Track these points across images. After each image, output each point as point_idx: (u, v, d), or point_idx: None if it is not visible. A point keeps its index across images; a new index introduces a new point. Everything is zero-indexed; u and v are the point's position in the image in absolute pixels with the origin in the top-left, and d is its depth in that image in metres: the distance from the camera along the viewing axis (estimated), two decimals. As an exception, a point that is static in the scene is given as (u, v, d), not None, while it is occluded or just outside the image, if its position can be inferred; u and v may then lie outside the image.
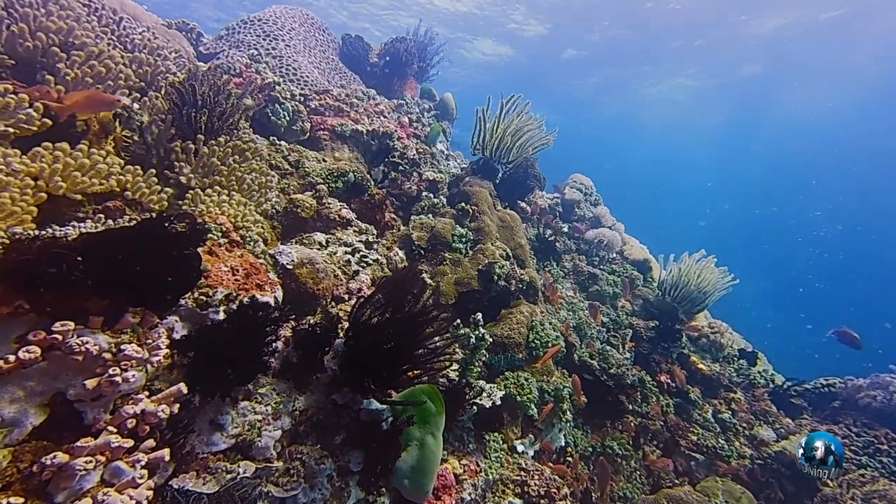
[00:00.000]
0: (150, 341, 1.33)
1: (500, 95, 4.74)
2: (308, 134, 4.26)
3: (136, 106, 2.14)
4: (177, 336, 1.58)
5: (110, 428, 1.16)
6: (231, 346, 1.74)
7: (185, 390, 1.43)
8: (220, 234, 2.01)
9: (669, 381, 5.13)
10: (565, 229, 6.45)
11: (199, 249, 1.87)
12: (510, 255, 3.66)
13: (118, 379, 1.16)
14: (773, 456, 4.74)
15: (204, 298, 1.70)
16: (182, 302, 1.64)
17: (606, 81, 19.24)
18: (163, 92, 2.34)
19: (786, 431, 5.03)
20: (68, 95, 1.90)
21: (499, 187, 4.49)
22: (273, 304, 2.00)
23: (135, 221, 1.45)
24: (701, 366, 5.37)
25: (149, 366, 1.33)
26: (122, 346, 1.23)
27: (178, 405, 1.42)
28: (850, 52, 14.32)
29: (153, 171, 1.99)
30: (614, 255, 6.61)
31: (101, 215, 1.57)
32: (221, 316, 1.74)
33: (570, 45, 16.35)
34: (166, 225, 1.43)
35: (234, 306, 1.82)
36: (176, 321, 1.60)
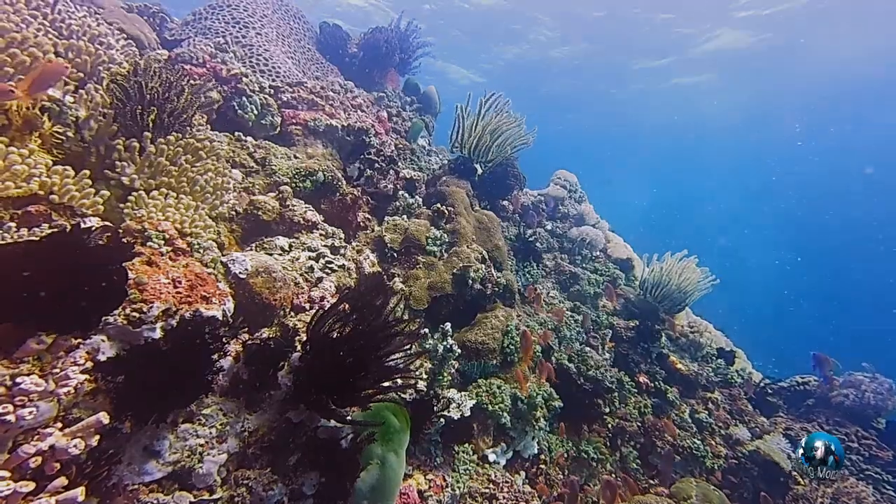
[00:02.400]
0: (57, 370, 1.19)
1: (483, 93, 4.61)
2: (279, 129, 4.07)
3: (69, 98, 1.96)
4: (102, 358, 1.44)
5: (2, 473, 1.02)
6: (169, 365, 1.61)
7: (105, 420, 1.29)
8: (162, 242, 1.86)
9: (648, 381, 5.14)
10: (549, 227, 6.39)
11: (136, 260, 1.73)
12: (486, 257, 3.56)
13: (10, 418, 1.03)
14: (748, 455, 4.79)
15: (137, 315, 1.56)
16: (111, 320, 1.49)
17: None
18: (104, 84, 2.15)
19: (760, 430, 5.09)
20: (22, 81, 1.71)
21: (478, 186, 4.38)
22: (221, 318, 1.86)
23: (41, 235, 1.30)
24: (679, 365, 5.38)
25: (61, 396, 1.19)
26: (18, 379, 1.09)
27: (97, 437, 1.29)
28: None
29: (87, 171, 1.82)
30: (597, 253, 6.58)
31: (13, 224, 1.41)
32: (158, 333, 1.60)
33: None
34: (84, 238, 1.28)
35: (174, 322, 1.67)
36: (102, 341, 1.46)
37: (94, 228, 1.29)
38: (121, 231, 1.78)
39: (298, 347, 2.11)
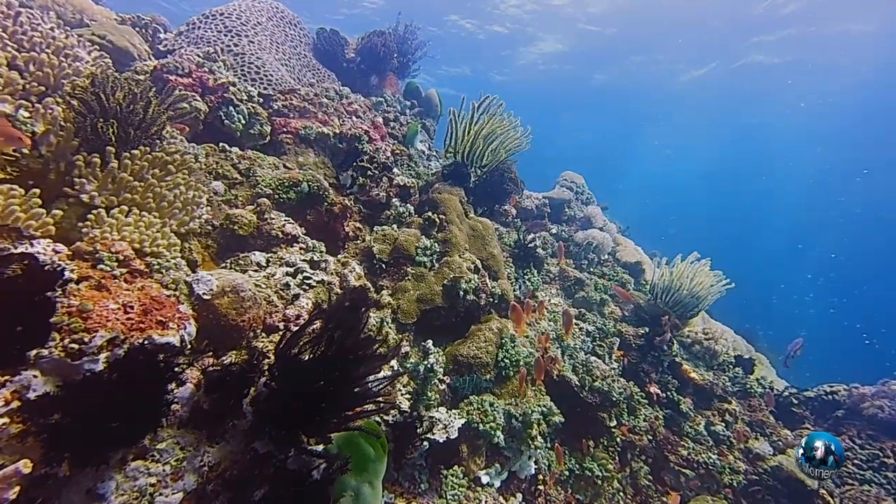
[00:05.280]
0: (-40, 419, 1.09)
1: (478, 96, 4.44)
2: (269, 137, 3.99)
3: (23, 113, 1.88)
4: (33, 396, 1.33)
5: None
6: (115, 399, 1.50)
7: (25, 469, 1.18)
8: (115, 264, 1.76)
9: (659, 391, 4.87)
10: (553, 231, 6.17)
11: (83, 285, 1.63)
12: (479, 267, 3.39)
13: None
14: (769, 471, 4.48)
15: (76, 346, 1.45)
16: (45, 353, 1.39)
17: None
18: (64, 97, 2.07)
19: (783, 444, 4.76)
20: None
21: (473, 192, 4.21)
22: (178, 344, 1.75)
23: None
24: (693, 374, 5.10)
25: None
26: None
27: (17, 488, 1.17)
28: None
29: (36, 190, 1.74)
30: (605, 256, 6.33)
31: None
32: (101, 365, 1.49)
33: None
34: None
35: (122, 351, 1.56)
36: (34, 377, 1.35)
37: (9, 255, 1.19)
38: (69, 254, 1.69)
39: (267, 371, 1.98)
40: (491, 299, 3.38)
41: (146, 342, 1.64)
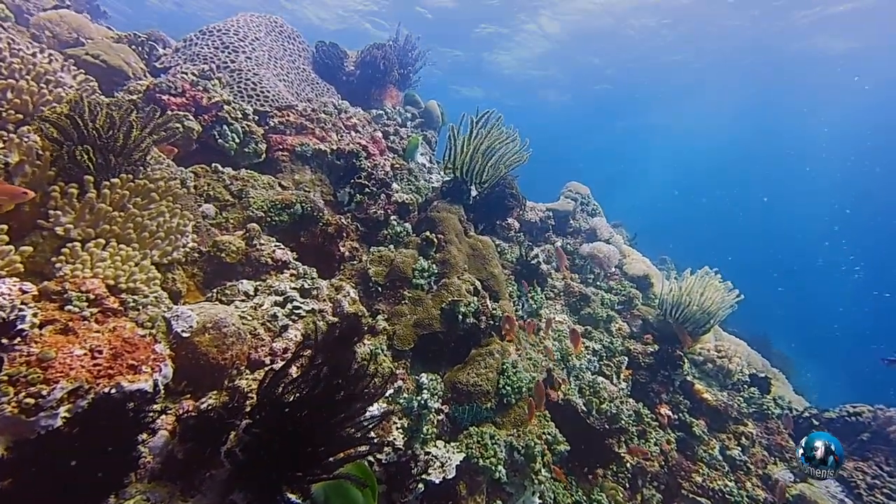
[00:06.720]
0: None
1: (476, 113, 4.32)
2: (264, 156, 3.91)
3: (-5, 146, 1.80)
4: (-19, 460, 1.22)
5: None
6: (76, 457, 1.38)
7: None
8: (85, 304, 1.65)
9: (671, 413, 4.67)
10: (559, 244, 6.01)
11: (46, 330, 1.52)
12: (479, 288, 3.25)
13: None
14: (791, 501, 4.24)
15: (32, 401, 1.33)
16: (-4, 410, 1.28)
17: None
18: (45, 124, 1.99)
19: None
20: None
21: (473, 210, 4.08)
22: (150, 390, 1.63)
23: None
24: (706, 395, 4.88)
25: None
26: None
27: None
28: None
29: (3, 227, 1.65)
30: (613, 269, 6.15)
31: None
32: (59, 421, 1.37)
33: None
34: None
35: (85, 403, 1.45)
36: (-17, 439, 1.24)
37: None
38: (35, 295, 1.59)
39: (248, 415, 1.86)
40: (492, 322, 3.24)
41: (114, 390, 1.52)
